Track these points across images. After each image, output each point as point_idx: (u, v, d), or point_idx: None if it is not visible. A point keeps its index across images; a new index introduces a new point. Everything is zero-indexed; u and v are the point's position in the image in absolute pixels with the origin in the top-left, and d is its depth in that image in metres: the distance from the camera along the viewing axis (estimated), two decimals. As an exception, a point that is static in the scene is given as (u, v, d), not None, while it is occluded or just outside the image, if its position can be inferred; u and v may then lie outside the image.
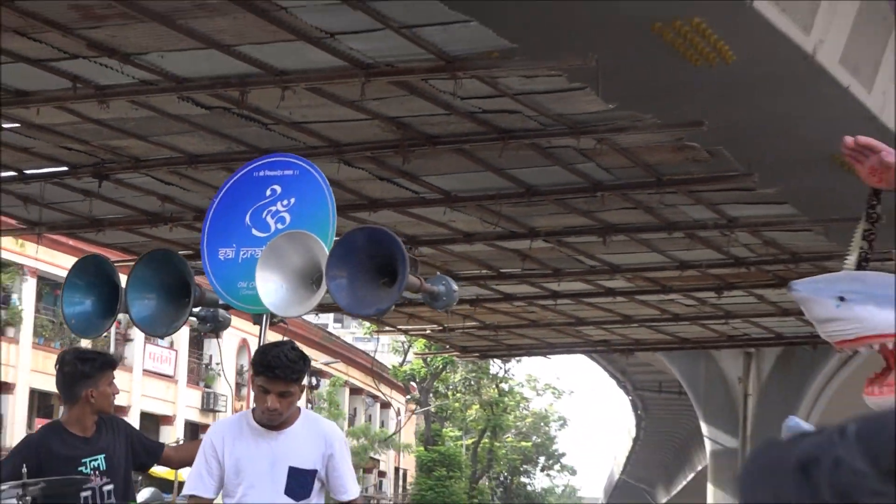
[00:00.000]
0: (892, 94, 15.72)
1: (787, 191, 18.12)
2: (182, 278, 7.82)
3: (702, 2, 13.33)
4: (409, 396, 61.59)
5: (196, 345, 50.98)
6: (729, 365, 31.07)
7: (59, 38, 14.54)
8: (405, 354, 57.51)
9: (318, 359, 56.50)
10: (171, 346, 49.74)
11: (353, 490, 7.15)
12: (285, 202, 7.51)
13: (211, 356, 52.12)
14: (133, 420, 45.30)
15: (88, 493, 6.94)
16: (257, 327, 10.05)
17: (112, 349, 44.08)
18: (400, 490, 59.85)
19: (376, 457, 58.28)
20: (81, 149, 18.19)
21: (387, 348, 59.38)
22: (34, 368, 43.99)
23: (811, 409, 27.61)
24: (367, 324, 39.81)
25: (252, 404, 7.08)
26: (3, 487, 7.08)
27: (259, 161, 8.03)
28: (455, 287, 9.17)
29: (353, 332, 58.22)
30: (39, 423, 40.28)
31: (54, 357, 8.45)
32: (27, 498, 6.35)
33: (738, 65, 14.26)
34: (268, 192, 7.61)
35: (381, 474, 59.52)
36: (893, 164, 8.78)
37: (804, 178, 16.92)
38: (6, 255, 39.62)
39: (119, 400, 33.93)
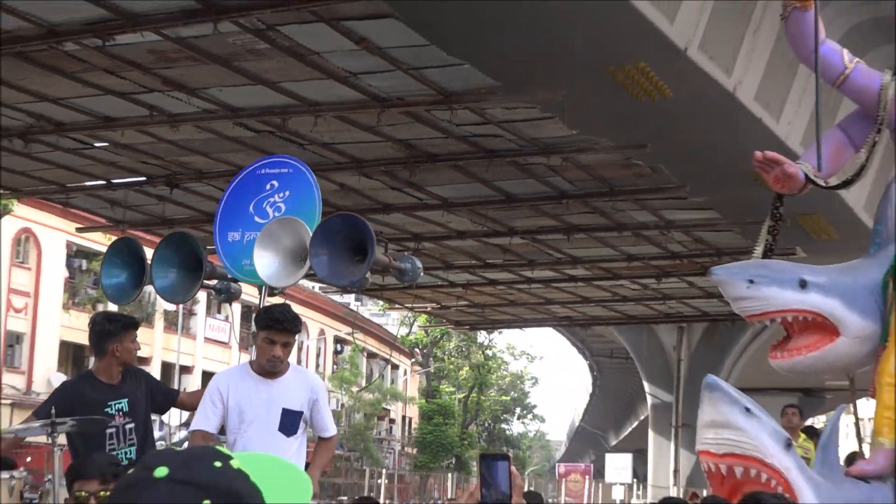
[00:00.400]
0: (796, 124, 15.65)
1: (712, 199, 18.13)
2: (196, 256, 7.78)
3: (645, 50, 13.28)
4: (413, 360, 61.49)
5: (246, 318, 50.89)
6: (665, 337, 31.06)
7: (139, 76, 14.47)
8: (410, 327, 57.38)
9: (341, 330, 56.53)
10: (227, 318, 49.62)
11: (332, 428, 7.12)
12: (281, 194, 7.53)
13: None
14: (195, 378, 45.25)
15: (113, 430, 6.90)
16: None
17: (180, 321, 43.96)
18: (406, 434, 59.60)
19: (387, 407, 58.14)
20: (156, 163, 18.15)
21: (396, 322, 59.25)
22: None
23: (730, 371, 27.65)
24: (381, 302, 39.56)
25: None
26: (35, 425, 7.07)
27: (261, 161, 8.04)
28: (419, 265, 9.12)
29: (369, 308, 57.91)
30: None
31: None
32: (55, 434, 6.28)
33: (675, 100, 14.22)
34: (267, 187, 7.64)
35: (392, 421, 59.39)
36: (793, 174, 8.75)
37: (726, 190, 16.87)
38: (97, 247, 39.47)
39: (184, 361, 33.79)
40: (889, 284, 8.99)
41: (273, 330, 6.68)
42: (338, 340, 57.76)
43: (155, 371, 43.53)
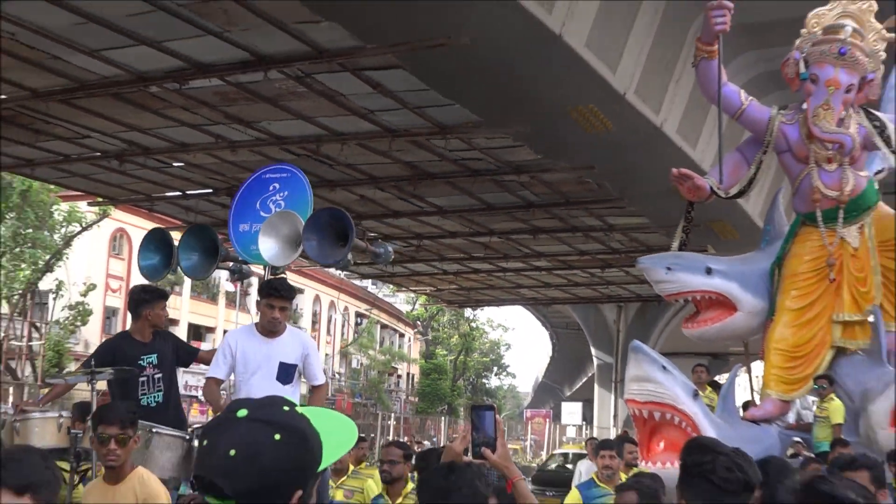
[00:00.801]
0: (707, 150, 15.65)
1: (644, 209, 18.17)
2: (214, 243, 7.65)
3: (594, 94, 13.20)
4: (415, 330, 61.35)
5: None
6: (608, 313, 31.05)
7: (207, 112, 14.50)
8: (413, 305, 57.39)
9: (360, 307, 56.58)
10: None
11: (321, 378, 6.93)
12: (282, 194, 7.45)
13: (297, 304, 51.87)
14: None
15: (144, 378, 6.82)
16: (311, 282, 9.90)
17: (237, 302, 43.82)
18: (409, 386, 59.60)
19: (395, 366, 58.05)
20: (220, 179, 18.15)
21: (403, 301, 59.22)
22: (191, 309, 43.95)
23: (656, 340, 27.65)
24: (392, 286, 39.59)
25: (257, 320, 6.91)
26: (79, 374, 7.00)
27: (265, 168, 7.98)
28: (391, 249, 8.92)
29: (382, 291, 57.83)
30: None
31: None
32: (94, 381, 6.13)
33: (616, 133, 14.17)
34: (270, 188, 7.54)
35: (398, 377, 59.22)
36: (701, 186, 8.80)
37: (654, 202, 16.83)
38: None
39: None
40: (775, 272, 9.12)
41: (272, 297, 6.54)
42: (358, 315, 57.72)
43: (218, 338, 43.57)
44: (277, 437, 1.74)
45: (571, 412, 46.41)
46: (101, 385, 6.70)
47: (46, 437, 5.82)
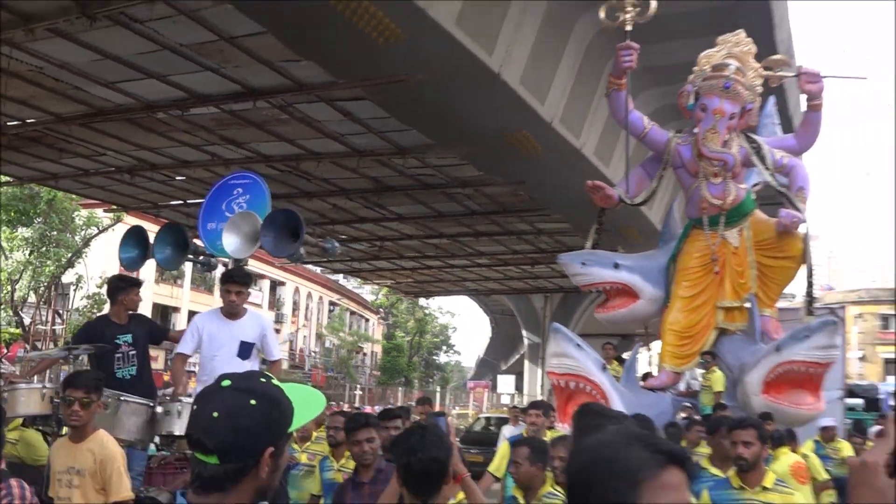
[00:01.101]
0: (619, 168, 15.74)
1: (566, 216, 18.21)
2: (184, 239, 7.32)
3: (526, 122, 13.24)
4: (378, 315, 61.15)
5: (273, 290, 50.30)
6: (537, 302, 31.10)
7: (205, 134, 14.36)
8: (377, 295, 57.23)
9: (332, 296, 56.31)
10: (260, 289, 48.89)
11: (277, 354, 6.66)
12: (244, 197, 7.08)
13: (280, 295, 51.35)
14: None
15: (120, 354, 6.58)
16: (291, 276, 9.64)
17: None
18: (373, 363, 59.42)
19: (361, 346, 57.72)
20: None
21: (368, 291, 58.99)
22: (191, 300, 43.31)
23: (576, 323, 27.67)
24: (358, 279, 39.44)
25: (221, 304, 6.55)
26: (58, 350, 6.88)
27: (231, 175, 7.64)
28: (337, 245, 8.56)
29: (350, 283, 57.56)
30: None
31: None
32: (71, 357, 5.98)
33: (544, 153, 14.22)
34: (234, 192, 7.19)
35: (364, 355, 58.94)
36: (611, 195, 8.92)
37: (576, 210, 16.87)
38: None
39: None
40: (670, 267, 9.40)
41: (229, 283, 6.30)
42: (331, 303, 57.36)
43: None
44: (253, 402, 1.74)
45: (506, 383, 46.60)
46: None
47: (31, 405, 5.60)
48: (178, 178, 17.29)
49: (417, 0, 9.63)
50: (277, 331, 49.63)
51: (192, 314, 43.08)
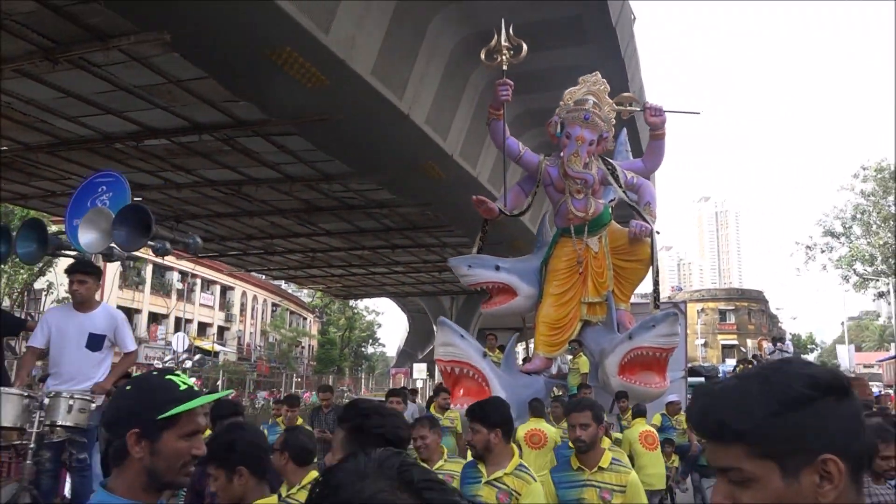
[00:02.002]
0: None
1: (466, 231, 18.16)
2: (45, 233, 6.49)
3: (432, 155, 13.21)
4: (314, 314, 60.30)
5: (223, 294, 48.89)
6: (445, 302, 31.20)
7: (158, 162, 13.94)
8: (313, 296, 56.40)
9: (275, 298, 55.28)
10: (212, 293, 47.41)
11: (131, 346, 5.80)
12: (108, 195, 6.35)
13: (230, 298, 49.90)
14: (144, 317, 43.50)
15: None
16: (239, 282, 9.44)
17: (185, 296, 41.78)
18: (309, 354, 58.46)
19: (300, 340, 56.79)
20: (168, 211, 17.34)
21: (306, 294, 58.08)
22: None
23: (476, 320, 27.90)
24: (295, 284, 38.72)
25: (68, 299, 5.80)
26: None
27: (96, 174, 6.81)
28: (199, 239, 7.55)
29: (292, 288, 56.52)
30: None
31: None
32: None
33: (447, 180, 14.23)
34: (99, 190, 6.38)
35: (302, 348, 57.97)
36: (493, 209, 8.85)
37: (473, 225, 17.02)
38: (139, 255, 37.22)
39: (154, 310, 30.37)
40: (542, 269, 9.41)
41: (72, 273, 5.53)
42: (274, 305, 56.28)
43: (170, 324, 41.60)
44: (129, 387, 1.69)
45: (420, 370, 46.39)
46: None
47: None
48: (135, 199, 16.65)
49: (339, 53, 9.58)
50: (227, 329, 48.67)
51: (151, 316, 42.06)
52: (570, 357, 9.39)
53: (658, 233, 9.27)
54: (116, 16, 8.39)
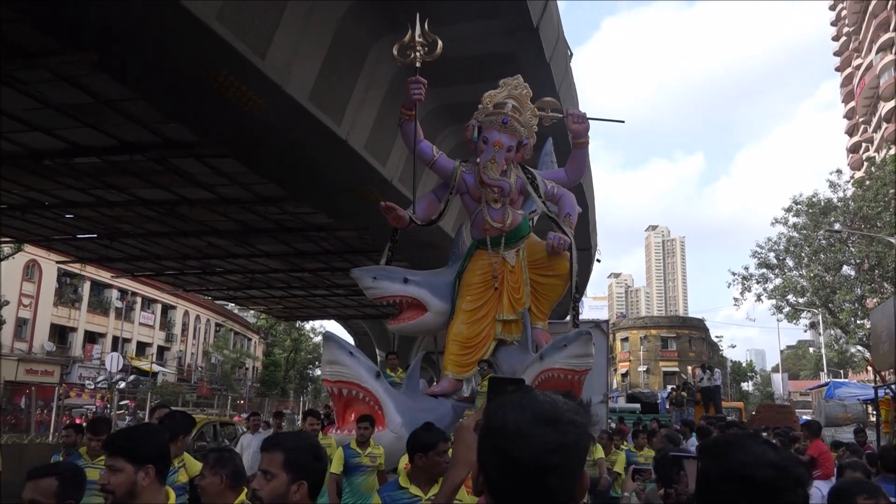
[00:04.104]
0: (450, 222, 16.02)
1: (405, 256, 17.98)
2: None
3: (371, 180, 13.18)
4: (260, 335, 59.39)
5: (164, 313, 47.70)
6: (386, 325, 31.03)
7: (90, 180, 13.67)
8: (258, 317, 55.55)
9: (219, 319, 54.27)
10: (153, 312, 46.27)
11: None
12: None
13: (171, 317, 48.73)
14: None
15: None
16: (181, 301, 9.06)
17: (123, 315, 40.66)
18: (253, 376, 57.39)
19: (243, 361, 55.78)
20: (101, 227, 17.01)
21: (250, 315, 57.17)
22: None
23: (420, 341, 27.78)
24: (236, 304, 38.14)
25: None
26: None
27: None
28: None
29: (236, 309, 55.65)
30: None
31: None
32: None
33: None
34: None
35: (246, 369, 56.94)
36: (402, 216, 8.17)
37: (413, 251, 16.97)
38: (75, 271, 36.28)
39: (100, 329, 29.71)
40: (456, 283, 8.77)
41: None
42: (217, 325, 55.24)
43: (108, 343, 40.46)
44: None
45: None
46: None
47: None
48: (67, 215, 16.32)
49: (275, 78, 9.57)
50: (168, 349, 47.42)
51: (88, 335, 40.81)
52: (479, 378, 8.56)
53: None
54: (42, 35, 8.27)
